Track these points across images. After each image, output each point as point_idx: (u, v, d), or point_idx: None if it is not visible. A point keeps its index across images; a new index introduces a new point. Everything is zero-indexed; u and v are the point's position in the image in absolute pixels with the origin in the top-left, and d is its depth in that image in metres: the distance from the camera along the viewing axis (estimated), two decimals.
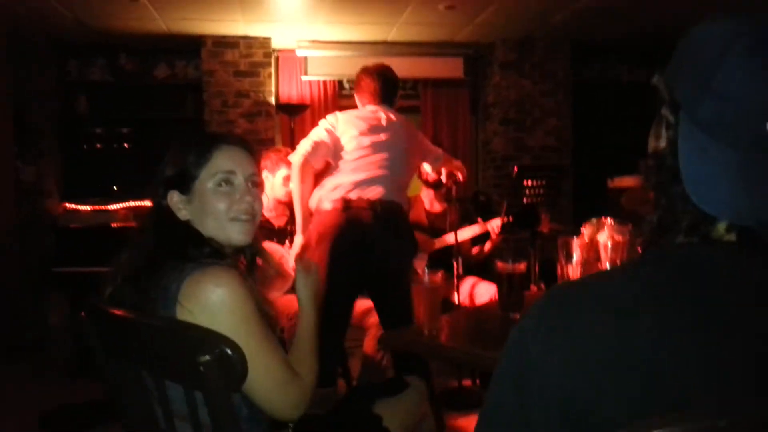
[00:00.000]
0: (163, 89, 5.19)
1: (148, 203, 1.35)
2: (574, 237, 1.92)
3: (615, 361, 0.63)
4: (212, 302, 1.12)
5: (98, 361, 1.27)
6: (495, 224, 3.02)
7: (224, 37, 4.81)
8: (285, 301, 2.67)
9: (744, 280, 0.65)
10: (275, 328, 1.31)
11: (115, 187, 4.94)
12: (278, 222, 2.94)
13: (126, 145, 5.05)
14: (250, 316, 1.16)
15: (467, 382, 3.18)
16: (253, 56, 4.88)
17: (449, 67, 5.26)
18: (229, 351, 1.04)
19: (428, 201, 3.35)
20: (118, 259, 1.26)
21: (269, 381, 1.18)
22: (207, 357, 1.03)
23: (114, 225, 4.33)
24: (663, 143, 0.70)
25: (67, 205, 4.65)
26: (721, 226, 0.67)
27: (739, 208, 0.64)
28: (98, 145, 5.03)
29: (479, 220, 3.15)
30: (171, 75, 5.20)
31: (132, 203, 4.72)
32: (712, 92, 0.63)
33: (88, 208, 4.62)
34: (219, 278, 1.14)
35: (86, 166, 5.01)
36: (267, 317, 1.23)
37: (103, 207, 4.60)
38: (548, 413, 0.66)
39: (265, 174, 2.87)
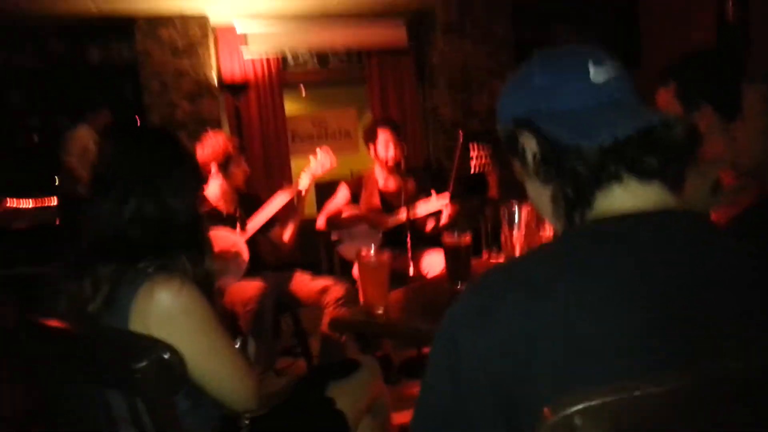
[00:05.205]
0: (98, 73, 4.98)
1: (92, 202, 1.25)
2: (516, 205, 1.94)
3: (536, 338, 0.65)
4: (168, 310, 1.13)
5: (35, 370, 1.24)
6: (444, 201, 3.00)
7: (158, 14, 4.62)
8: (240, 287, 2.64)
9: (637, 244, 0.71)
10: (226, 319, 1.32)
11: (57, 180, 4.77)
12: (227, 209, 2.89)
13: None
14: (206, 315, 1.18)
15: (427, 350, 3.22)
16: (189, 34, 4.72)
17: (393, 36, 5.20)
18: (165, 355, 1.04)
19: (382, 179, 3.31)
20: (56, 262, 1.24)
21: (230, 375, 1.21)
22: (144, 363, 1.02)
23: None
24: (531, 161, 0.80)
25: (8, 202, 4.48)
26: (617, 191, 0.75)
27: (602, 134, 0.73)
28: (35, 137, 4.85)
29: (432, 192, 3.12)
30: (105, 58, 4.98)
31: None
32: (536, 89, 0.79)
33: (30, 204, 4.46)
34: (172, 285, 1.13)
35: (23, 160, 4.81)
36: (219, 311, 1.25)
37: (46, 202, 4.46)
38: (482, 400, 0.67)
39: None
